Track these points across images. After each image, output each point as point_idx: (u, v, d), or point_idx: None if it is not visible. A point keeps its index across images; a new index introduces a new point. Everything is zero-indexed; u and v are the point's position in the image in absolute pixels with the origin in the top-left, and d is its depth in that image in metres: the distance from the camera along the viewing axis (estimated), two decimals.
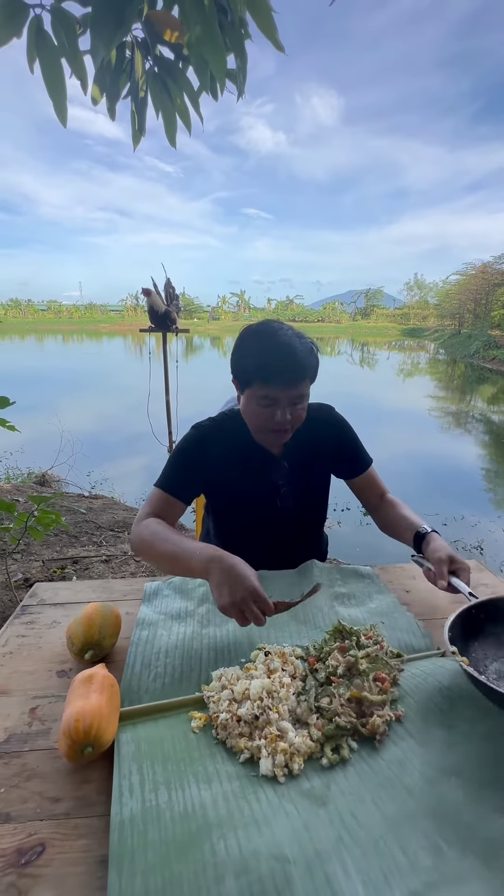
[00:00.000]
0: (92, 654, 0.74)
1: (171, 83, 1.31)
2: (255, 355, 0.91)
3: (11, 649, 0.81)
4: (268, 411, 0.94)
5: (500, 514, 4.72)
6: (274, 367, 0.89)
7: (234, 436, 1.04)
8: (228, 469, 1.05)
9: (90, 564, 2.31)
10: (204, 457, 1.04)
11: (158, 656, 0.77)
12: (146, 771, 0.57)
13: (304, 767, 0.58)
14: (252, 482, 1.06)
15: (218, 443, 1.04)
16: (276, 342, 0.90)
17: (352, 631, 0.78)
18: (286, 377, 0.90)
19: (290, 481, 1.07)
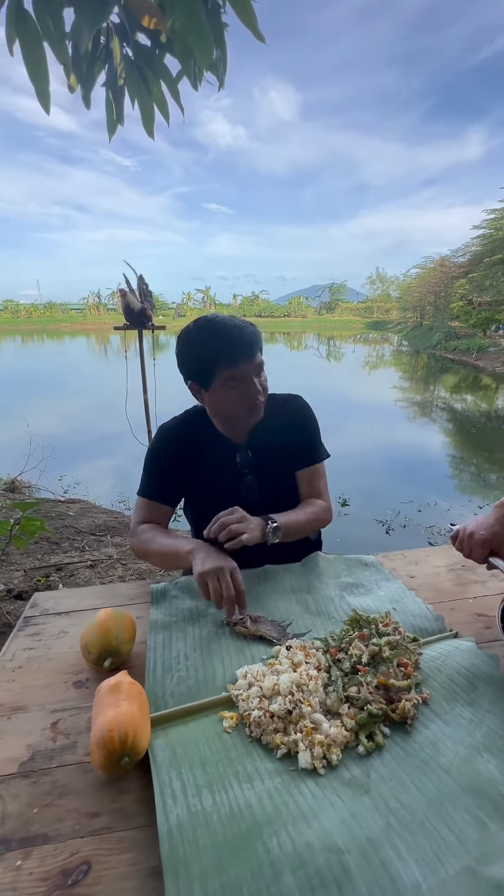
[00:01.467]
0: (111, 662, 0.71)
1: (147, 71, 1.28)
2: (208, 345, 0.94)
3: (20, 663, 0.77)
4: (239, 390, 0.96)
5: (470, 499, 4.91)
6: (230, 348, 0.92)
7: (199, 432, 1.07)
8: (196, 465, 1.07)
9: (75, 571, 2.24)
10: (173, 457, 1.07)
11: (178, 659, 0.75)
12: (186, 776, 0.55)
13: (341, 757, 0.59)
14: (218, 473, 1.07)
15: (184, 441, 1.08)
16: (220, 326, 0.94)
17: (369, 619, 0.79)
18: (244, 351, 0.93)
19: (255, 469, 1.08)
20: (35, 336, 36.73)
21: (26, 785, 0.56)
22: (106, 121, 1.39)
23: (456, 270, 25.86)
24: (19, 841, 0.50)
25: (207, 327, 0.95)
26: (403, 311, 36.68)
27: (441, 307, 27.49)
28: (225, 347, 0.93)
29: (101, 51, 1.21)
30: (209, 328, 0.95)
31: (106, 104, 1.36)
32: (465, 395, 11.87)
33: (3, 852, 0.49)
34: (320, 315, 59.09)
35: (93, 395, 11.08)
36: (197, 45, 0.98)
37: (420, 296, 30.48)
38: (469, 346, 19.38)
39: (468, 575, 1.04)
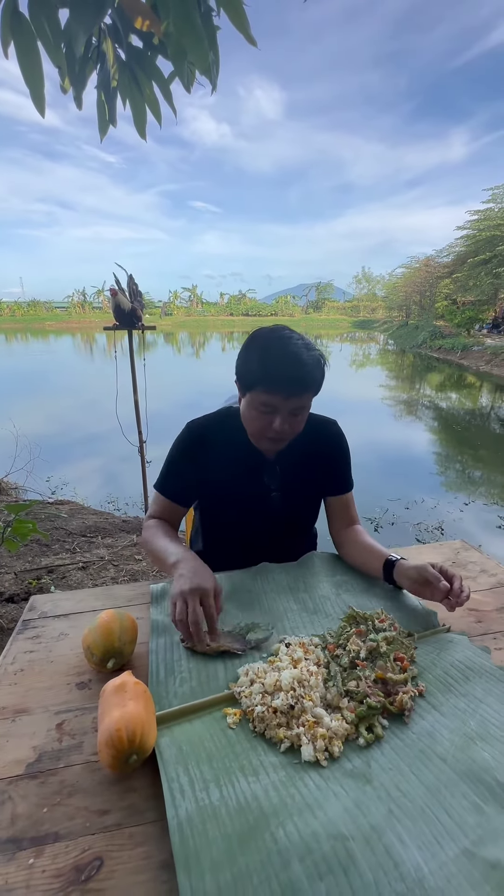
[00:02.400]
0: (114, 663, 0.72)
1: (139, 73, 1.28)
2: (261, 361, 0.89)
3: (22, 666, 0.78)
4: (266, 418, 0.93)
5: (456, 496, 5.00)
6: (278, 376, 0.88)
7: (230, 435, 1.04)
8: (221, 468, 1.04)
9: (67, 573, 2.23)
10: (197, 457, 1.04)
11: (181, 662, 0.76)
12: (193, 771, 0.57)
13: (343, 749, 0.61)
14: (243, 484, 1.05)
15: (212, 441, 1.04)
16: (285, 351, 0.88)
17: (365, 616, 0.81)
18: (289, 387, 0.89)
19: (282, 486, 1.06)
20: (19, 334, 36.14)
21: (34, 786, 0.57)
22: (97, 121, 1.39)
23: (440, 270, 26.22)
24: (31, 840, 0.51)
25: (273, 342, 0.90)
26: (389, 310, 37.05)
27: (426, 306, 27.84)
28: (274, 372, 0.88)
29: (94, 52, 1.20)
30: (273, 344, 0.90)
31: (98, 105, 1.35)
32: (450, 394, 12.06)
33: (14, 851, 0.50)
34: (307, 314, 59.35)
35: (79, 394, 10.96)
36: (192, 48, 0.98)
37: (406, 295, 30.83)
38: (454, 345, 19.69)
39: (459, 571, 1.07)
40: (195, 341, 31.63)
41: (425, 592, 0.86)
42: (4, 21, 0.81)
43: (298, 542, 1.18)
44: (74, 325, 44.99)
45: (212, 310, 59.91)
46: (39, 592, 2.05)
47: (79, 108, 1.29)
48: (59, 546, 2.58)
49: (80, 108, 1.30)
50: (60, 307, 55.31)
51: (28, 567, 2.29)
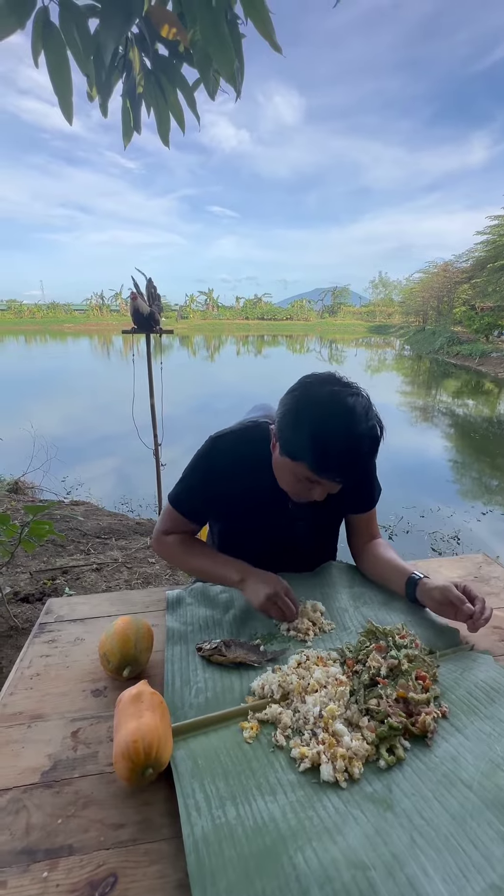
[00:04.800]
0: (130, 671, 0.72)
1: (164, 80, 1.29)
2: (315, 439, 0.77)
3: (38, 670, 0.78)
4: (304, 486, 0.86)
5: (474, 505, 4.91)
6: (332, 464, 0.78)
7: (256, 457, 0.95)
8: (242, 492, 0.97)
9: (81, 574, 2.24)
10: (221, 477, 0.97)
11: (196, 672, 0.75)
12: (209, 787, 0.56)
13: (363, 771, 0.59)
14: (267, 512, 0.99)
15: (237, 462, 0.97)
16: (345, 434, 0.76)
17: (385, 631, 0.79)
18: (341, 475, 0.80)
19: (307, 515, 0.99)
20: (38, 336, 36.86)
21: (49, 795, 0.56)
22: (122, 128, 1.40)
23: (459, 275, 25.91)
24: (45, 852, 0.50)
25: (335, 419, 0.77)
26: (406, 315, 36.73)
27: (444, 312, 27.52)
28: (325, 457, 0.78)
29: (120, 61, 1.22)
30: (335, 423, 0.77)
31: (122, 112, 1.37)
32: (468, 400, 11.87)
33: (29, 863, 0.49)
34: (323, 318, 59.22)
35: (95, 396, 11.10)
36: (218, 56, 0.99)
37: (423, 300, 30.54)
38: (472, 351, 19.40)
39: (482, 587, 1.04)
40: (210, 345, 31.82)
41: (448, 613, 0.84)
42: (36, 31, 0.82)
43: (318, 557, 1.12)
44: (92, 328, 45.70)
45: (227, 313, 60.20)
46: (54, 593, 2.07)
47: (104, 115, 1.31)
48: (74, 547, 2.60)
49: (105, 115, 1.31)
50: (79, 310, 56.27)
51: (43, 567, 2.31)
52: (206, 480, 0.99)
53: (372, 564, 1.03)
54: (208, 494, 1.00)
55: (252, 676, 0.74)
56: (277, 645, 0.82)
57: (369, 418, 0.79)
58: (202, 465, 0.99)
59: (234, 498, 0.99)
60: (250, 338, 40.24)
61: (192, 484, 1.00)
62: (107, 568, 2.33)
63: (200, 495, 1.00)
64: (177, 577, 2.31)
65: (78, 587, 2.12)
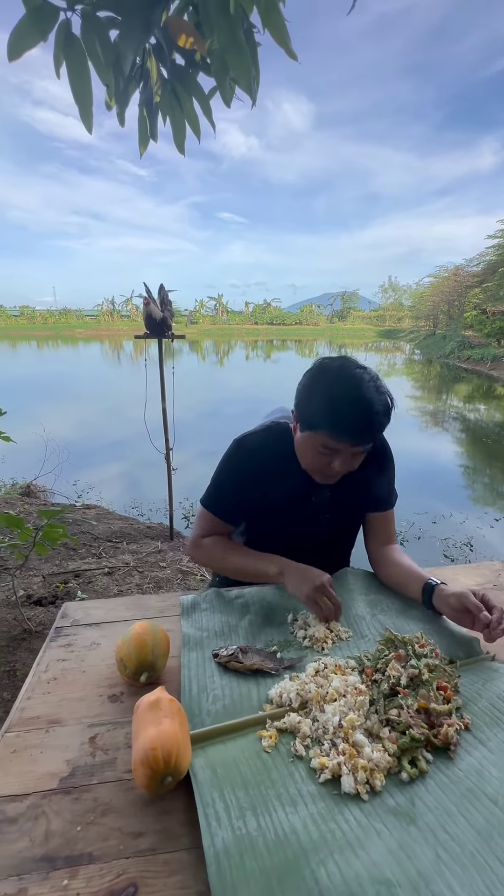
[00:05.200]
0: (147, 677, 0.71)
1: (180, 89, 1.30)
2: (329, 405, 0.85)
3: (55, 675, 0.78)
4: (325, 459, 0.90)
5: (487, 511, 4.84)
6: (346, 425, 0.84)
7: (279, 454, 1.00)
8: (269, 488, 1.01)
9: (93, 577, 2.25)
10: (247, 475, 1.01)
11: (213, 678, 0.75)
12: (228, 797, 0.55)
13: (384, 783, 0.58)
14: (292, 505, 1.03)
15: (262, 460, 1.01)
16: (356, 397, 0.83)
17: (404, 640, 0.78)
18: (356, 437, 0.86)
19: (330, 507, 1.03)
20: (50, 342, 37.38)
21: (68, 801, 0.56)
22: (138, 137, 1.42)
23: (470, 280, 25.75)
24: (65, 859, 0.50)
25: (344, 384, 0.85)
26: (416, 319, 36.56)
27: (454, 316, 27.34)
28: (343, 420, 0.84)
29: (137, 70, 1.24)
30: (345, 387, 0.85)
31: (139, 121, 1.39)
32: (479, 405, 11.75)
33: (49, 870, 0.49)
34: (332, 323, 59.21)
35: (106, 400, 11.20)
36: (236, 64, 1.00)
37: (433, 305, 30.38)
38: (483, 356, 19.22)
39: (500, 596, 1.02)
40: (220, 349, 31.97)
41: (465, 621, 0.82)
42: (58, 43, 0.84)
43: (338, 561, 1.14)
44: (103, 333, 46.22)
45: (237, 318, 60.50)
46: (66, 597, 2.08)
47: (121, 124, 1.33)
48: (86, 550, 2.62)
49: (122, 124, 1.33)
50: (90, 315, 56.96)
51: (55, 570, 2.32)
52: (235, 480, 1.02)
53: (388, 569, 1.03)
54: (239, 493, 1.03)
55: (269, 684, 0.74)
56: (294, 652, 0.82)
57: (379, 387, 0.86)
58: (230, 465, 1.03)
59: (262, 494, 1.02)
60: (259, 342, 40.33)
61: (222, 485, 1.04)
62: (118, 572, 2.33)
63: (231, 495, 1.04)
64: (188, 583, 2.31)
65: (90, 591, 2.13)
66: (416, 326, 35.51)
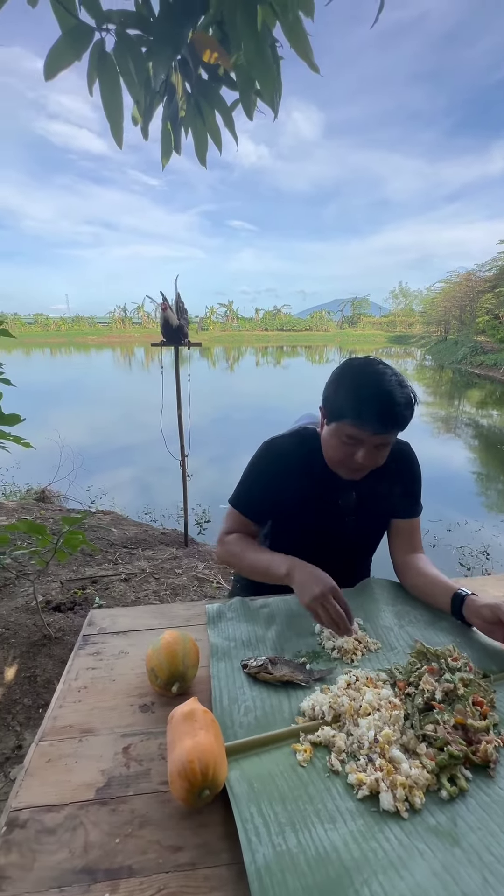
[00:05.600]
0: (178, 687, 0.71)
1: (203, 102, 1.32)
2: (353, 395, 0.89)
3: (85, 683, 0.78)
4: (349, 449, 0.92)
5: (502, 519, 4.77)
6: (368, 412, 0.87)
7: (307, 457, 1.03)
8: (297, 490, 1.03)
9: (110, 584, 2.26)
10: (275, 476, 1.04)
11: (243, 689, 0.74)
12: (267, 812, 0.54)
13: (424, 801, 0.57)
14: (318, 507, 1.04)
15: (290, 461, 1.03)
16: (378, 387, 0.87)
17: (437, 653, 0.76)
18: (378, 424, 0.88)
19: (356, 510, 1.05)
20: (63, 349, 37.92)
21: (106, 813, 0.56)
22: (161, 150, 1.44)
23: (482, 285, 25.57)
24: (105, 872, 0.50)
25: (367, 377, 0.90)
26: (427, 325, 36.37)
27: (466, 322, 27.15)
28: (365, 407, 0.87)
29: (162, 86, 1.26)
30: (367, 379, 0.89)
31: (162, 134, 1.41)
32: (492, 411, 11.61)
33: (90, 882, 0.49)
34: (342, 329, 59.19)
35: (118, 406, 11.31)
36: (262, 79, 1.01)
37: (445, 310, 30.21)
38: (496, 361, 19.04)
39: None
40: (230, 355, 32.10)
41: (497, 634, 0.81)
42: (92, 62, 0.86)
43: (360, 566, 1.16)
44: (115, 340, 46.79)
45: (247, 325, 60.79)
46: (85, 603, 2.09)
47: (145, 138, 1.35)
48: (102, 556, 2.63)
49: (146, 138, 1.35)
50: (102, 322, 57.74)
51: (73, 576, 2.34)
52: (263, 481, 1.05)
53: (414, 579, 1.02)
54: (266, 493, 1.05)
55: (300, 696, 0.73)
56: (323, 664, 0.81)
57: (401, 381, 0.90)
58: (259, 466, 1.06)
59: (289, 494, 1.04)
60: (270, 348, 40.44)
61: (250, 485, 1.07)
62: (135, 578, 2.34)
63: (259, 494, 1.06)
64: (205, 590, 2.31)
65: (107, 597, 2.14)
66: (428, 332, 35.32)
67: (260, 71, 1.01)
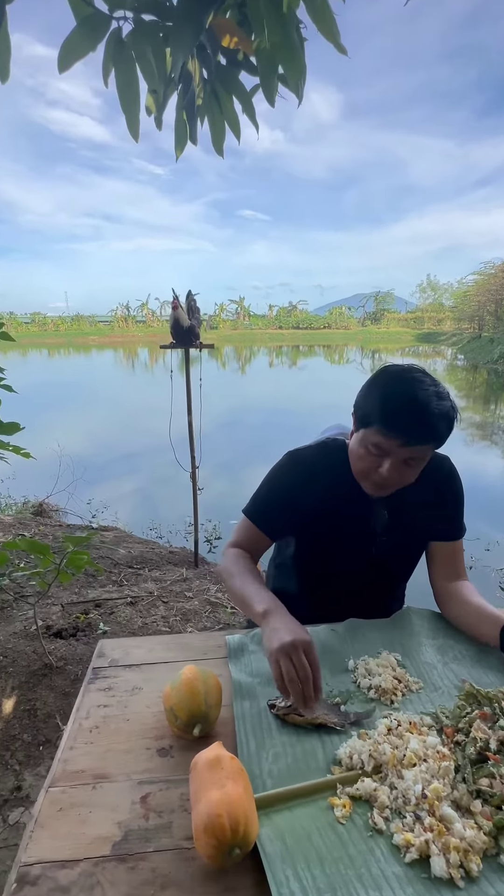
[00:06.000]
0: (200, 729, 0.71)
1: (220, 89, 1.35)
2: (383, 400, 0.89)
3: (96, 722, 0.78)
4: (374, 460, 0.92)
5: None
6: (398, 420, 0.86)
7: (334, 470, 1.02)
8: (322, 505, 1.03)
9: (115, 608, 2.27)
10: (299, 489, 1.04)
11: (271, 732, 0.74)
12: (304, 876, 0.53)
13: (482, 868, 0.55)
14: (346, 526, 1.04)
15: (315, 475, 1.03)
16: (412, 395, 0.86)
17: (489, 696, 0.75)
18: (407, 434, 0.87)
19: (389, 531, 1.04)
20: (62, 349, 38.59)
21: (124, 871, 0.56)
22: (174, 140, 1.47)
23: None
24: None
25: (402, 383, 0.89)
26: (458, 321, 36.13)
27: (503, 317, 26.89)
28: (394, 414, 0.87)
29: (179, 73, 1.29)
30: (402, 386, 0.89)
31: (177, 124, 1.44)
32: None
33: None
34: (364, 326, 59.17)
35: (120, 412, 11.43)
36: (288, 63, 1.03)
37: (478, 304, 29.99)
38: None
39: None
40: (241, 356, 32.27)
41: None
42: (108, 52, 0.89)
43: (393, 593, 1.15)
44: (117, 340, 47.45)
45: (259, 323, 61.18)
46: (88, 629, 2.10)
47: (159, 128, 1.38)
48: (106, 577, 2.65)
49: (160, 128, 1.38)
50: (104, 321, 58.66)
51: (75, 599, 2.36)
52: (283, 492, 1.05)
53: (457, 608, 1.00)
54: (286, 505, 1.05)
55: (335, 741, 0.72)
56: (359, 705, 0.80)
57: (440, 393, 0.88)
58: (280, 476, 1.06)
59: (313, 509, 1.03)
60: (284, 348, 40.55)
61: (268, 495, 1.07)
62: (141, 602, 2.35)
63: (278, 506, 1.06)
64: (218, 615, 2.30)
65: (112, 622, 2.15)
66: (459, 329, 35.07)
67: (285, 55, 1.03)
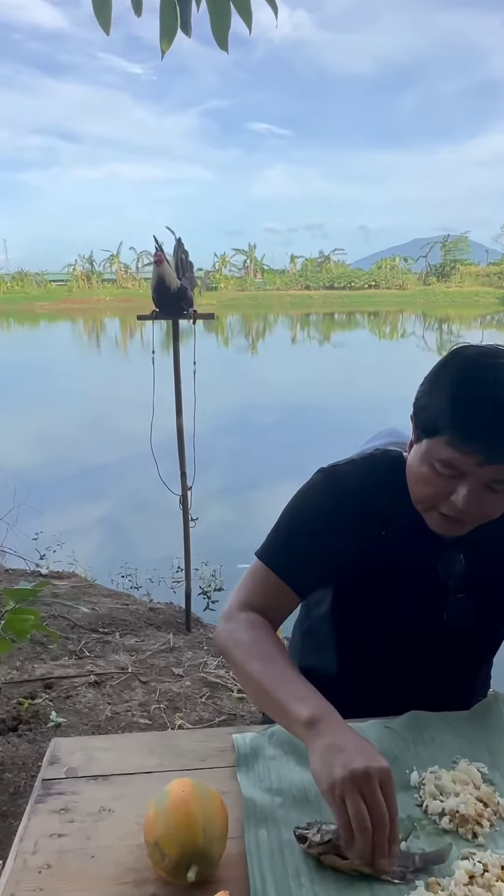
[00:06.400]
0: (198, 873, 0.70)
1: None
2: (455, 399, 0.89)
3: (48, 860, 0.78)
4: (444, 483, 0.91)
5: None
6: (477, 428, 0.86)
7: (388, 496, 1.02)
8: (372, 548, 1.03)
9: (73, 690, 2.28)
10: (336, 524, 1.03)
11: (299, 879, 0.73)
12: None
13: None
14: (406, 578, 1.04)
15: (361, 503, 1.03)
16: (496, 390, 0.86)
17: None
18: (490, 449, 0.86)
19: (466, 584, 1.04)
20: None
21: None
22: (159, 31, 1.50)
23: None
24: None
25: (480, 381, 0.89)
26: None
27: None
28: (473, 419, 0.87)
29: None
30: (480, 384, 0.89)
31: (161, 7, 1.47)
32: None
33: None
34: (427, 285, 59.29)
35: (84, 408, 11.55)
36: None
37: None
38: None
39: None
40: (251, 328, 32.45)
41: None
42: None
43: (475, 673, 1.15)
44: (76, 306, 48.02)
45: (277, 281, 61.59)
46: (34, 720, 2.11)
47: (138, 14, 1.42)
48: (60, 646, 2.67)
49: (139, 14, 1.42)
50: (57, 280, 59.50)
51: (16, 678, 2.37)
52: (317, 526, 1.04)
53: None
54: (321, 547, 1.03)
55: (391, 893, 0.71)
56: (427, 839, 0.79)
57: None
58: (311, 504, 1.07)
59: (358, 554, 1.03)
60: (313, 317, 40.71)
61: (295, 533, 1.06)
62: (110, 682, 2.36)
63: (309, 548, 1.04)
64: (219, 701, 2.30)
65: (69, 711, 2.16)
66: None
67: None
